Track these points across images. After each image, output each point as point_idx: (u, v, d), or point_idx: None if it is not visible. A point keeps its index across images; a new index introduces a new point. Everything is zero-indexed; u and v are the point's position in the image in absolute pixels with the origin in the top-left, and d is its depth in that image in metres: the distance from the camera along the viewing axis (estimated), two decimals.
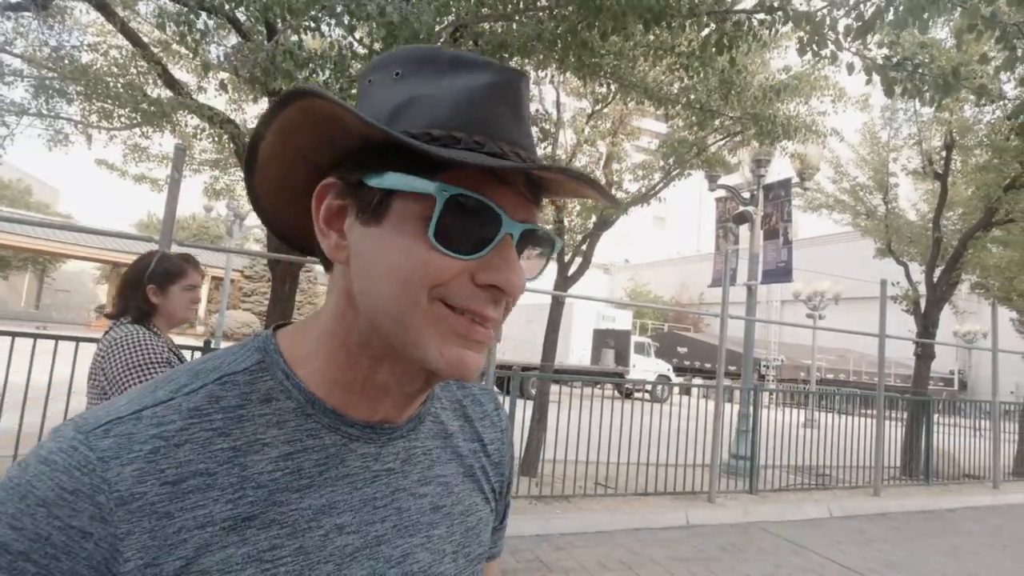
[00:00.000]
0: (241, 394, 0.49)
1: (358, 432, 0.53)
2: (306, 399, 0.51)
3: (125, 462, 0.43)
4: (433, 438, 0.61)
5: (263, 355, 0.52)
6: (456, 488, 0.61)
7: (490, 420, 0.70)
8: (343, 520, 0.51)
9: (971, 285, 10.76)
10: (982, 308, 10.26)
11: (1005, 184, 8.32)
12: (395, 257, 0.47)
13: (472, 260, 0.47)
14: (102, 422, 0.45)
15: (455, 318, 0.47)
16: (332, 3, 2.76)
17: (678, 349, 26.38)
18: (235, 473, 0.46)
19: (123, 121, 5.11)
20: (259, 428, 0.49)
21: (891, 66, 2.99)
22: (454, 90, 0.48)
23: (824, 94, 6.90)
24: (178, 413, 0.46)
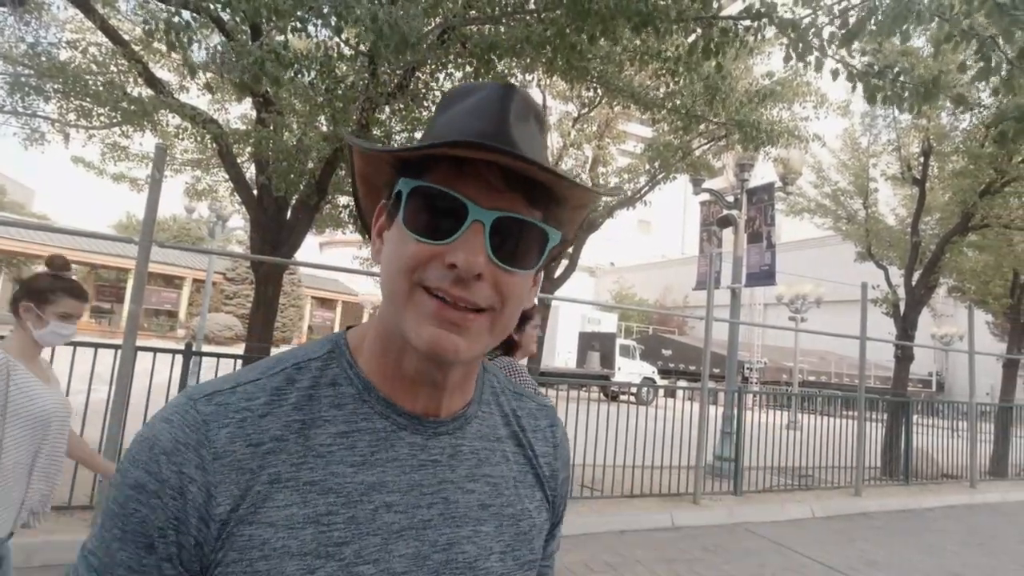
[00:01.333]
0: (312, 378, 0.58)
1: (406, 421, 0.59)
2: (364, 386, 0.58)
3: (222, 425, 0.52)
4: (480, 439, 0.64)
5: (333, 346, 0.61)
6: (506, 491, 0.64)
7: (543, 435, 0.72)
8: (391, 499, 0.56)
9: (948, 288, 11.01)
10: (959, 311, 10.48)
11: (980, 190, 8.51)
12: (390, 249, 0.56)
13: (444, 245, 0.52)
14: (207, 392, 0.55)
15: (430, 301, 0.53)
16: (319, 5, 2.74)
17: (663, 352, 26.56)
18: (301, 443, 0.54)
19: (102, 120, 5.02)
20: (323, 407, 0.56)
21: (873, 74, 3.05)
22: (455, 111, 0.57)
23: (806, 100, 7.02)
24: (263, 391, 0.55)
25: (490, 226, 0.53)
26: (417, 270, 0.53)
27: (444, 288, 0.52)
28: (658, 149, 6.92)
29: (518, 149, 0.52)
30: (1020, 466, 9.91)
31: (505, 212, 0.53)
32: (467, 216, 0.52)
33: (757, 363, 25.69)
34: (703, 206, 10.96)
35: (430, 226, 0.53)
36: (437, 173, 0.53)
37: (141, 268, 4.19)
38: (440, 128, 0.58)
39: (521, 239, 0.55)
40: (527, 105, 0.58)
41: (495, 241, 0.53)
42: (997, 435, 10.02)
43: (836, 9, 2.99)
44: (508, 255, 0.54)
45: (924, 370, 28.22)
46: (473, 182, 0.53)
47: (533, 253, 0.57)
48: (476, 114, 0.55)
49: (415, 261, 0.53)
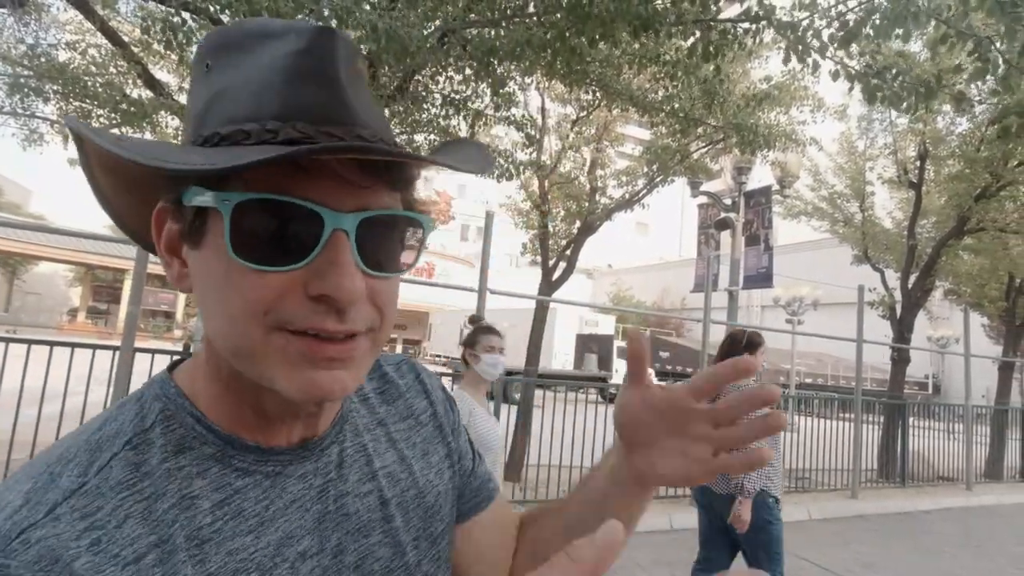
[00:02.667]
0: (160, 450, 0.44)
1: (288, 457, 0.49)
2: (224, 440, 0.46)
3: (71, 558, 0.37)
4: (363, 432, 0.58)
5: (164, 403, 0.47)
6: (402, 475, 0.58)
7: (415, 389, 0.66)
8: (303, 546, 0.48)
9: (944, 291, 11.06)
10: (955, 314, 10.54)
11: (976, 194, 8.56)
12: (216, 284, 0.42)
13: (298, 269, 0.40)
14: (14, 535, 0.37)
15: (297, 341, 0.41)
16: (319, 8, 2.75)
17: (660, 354, 26.58)
18: (181, 535, 0.42)
19: (102, 121, 5.02)
20: (183, 483, 0.44)
21: (872, 74, 3.07)
22: (254, 73, 0.42)
23: (804, 104, 7.05)
24: (101, 497, 0.41)
25: (355, 232, 0.41)
26: (270, 312, 0.41)
27: (317, 326, 0.41)
28: (656, 152, 6.95)
29: (366, 126, 0.42)
30: (1015, 469, 9.95)
31: (372, 211, 0.42)
32: (323, 226, 0.40)
33: None
34: (701, 209, 11.01)
35: (271, 248, 0.40)
36: (262, 175, 0.39)
37: (140, 270, 4.19)
38: (239, 96, 0.42)
39: (390, 237, 0.45)
40: (351, 52, 0.44)
41: (361, 247, 0.42)
42: (993, 438, 10.06)
43: (834, 11, 3.02)
44: (379, 260, 0.44)
45: (920, 372, 28.30)
46: (319, 180, 0.40)
47: (414, 248, 0.48)
48: (296, 76, 0.41)
49: (263, 300, 0.40)
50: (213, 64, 0.45)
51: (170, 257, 0.46)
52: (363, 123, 0.42)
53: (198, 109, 0.45)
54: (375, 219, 0.43)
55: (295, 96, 0.41)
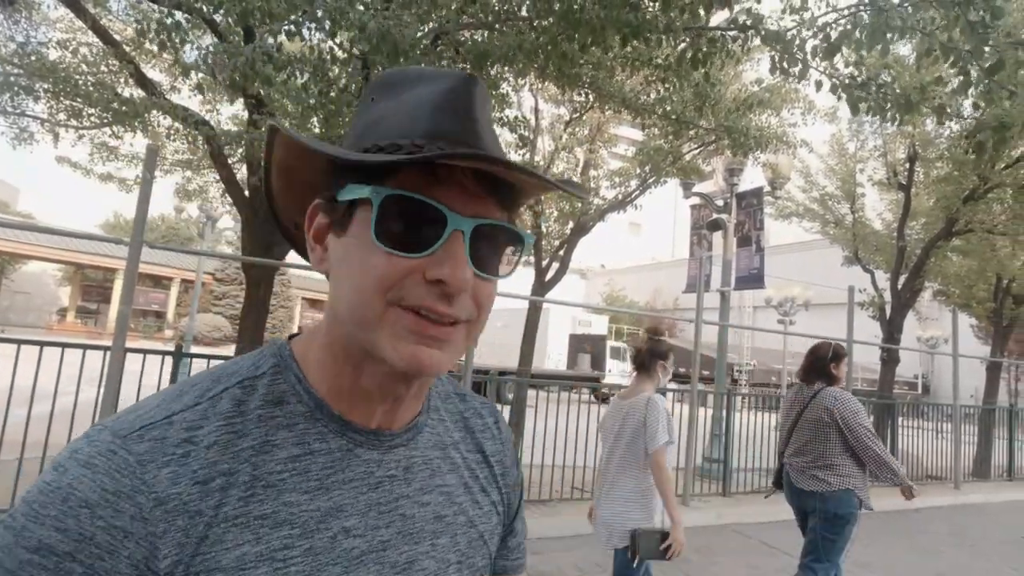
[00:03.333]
0: (260, 396, 0.52)
1: (362, 438, 0.55)
2: (315, 404, 0.53)
3: (160, 464, 0.46)
4: (432, 448, 0.61)
5: (278, 359, 0.55)
6: (458, 499, 0.62)
7: (491, 432, 0.70)
8: (350, 523, 0.52)
9: (933, 292, 11.17)
10: (944, 315, 10.65)
11: (964, 196, 8.66)
12: (354, 264, 0.51)
13: (421, 258, 0.49)
14: (136, 427, 0.47)
15: (407, 316, 0.49)
16: (313, 9, 2.75)
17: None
18: (247, 472, 0.48)
19: (92, 120, 4.99)
20: (271, 430, 0.51)
21: (856, 85, 3.13)
22: (409, 103, 0.52)
23: (794, 106, 7.11)
24: (206, 419, 0.49)
25: (470, 234, 0.49)
26: (393, 288, 0.49)
27: (428, 305, 0.49)
28: (648, 153, 6.98)
29: (490, 151, 0.50)
30: (1002, 467, 10.07)
31: (484, 219, 0.50)
32: (446, 225, 0.49)
33: (746, 365, 25.87)
34: (693, 209, 11.06)
35: (404, 238, 0.49)
36: (406, 178, 0.49)
37: (131, 269, 4.17)
38: (394, 120, 0.52)
39: (497, 245, 0.53)
40: (485, 96, 0.55)
41: (474, 250, 0.50)
42: (980, 437, 10.17)
43: (819, 23, 3.07)
44: (486, 263, 0.52)
45: (910, 372, 28.55)
46: (448, 188, 0.49)
47: (510, 258, 0.55)
48: (440, 108, 0.51)
49: (389, 278, 0.49)
50: (377, 98, 0.56)
51: (315, 244, 0.56)
52: (488, 148, 0.51)
53: (359, 130, 0.55)
54: (487, 227, 0.51)
55: (440, 123, 0.51)
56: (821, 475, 3.21)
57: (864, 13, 2.84)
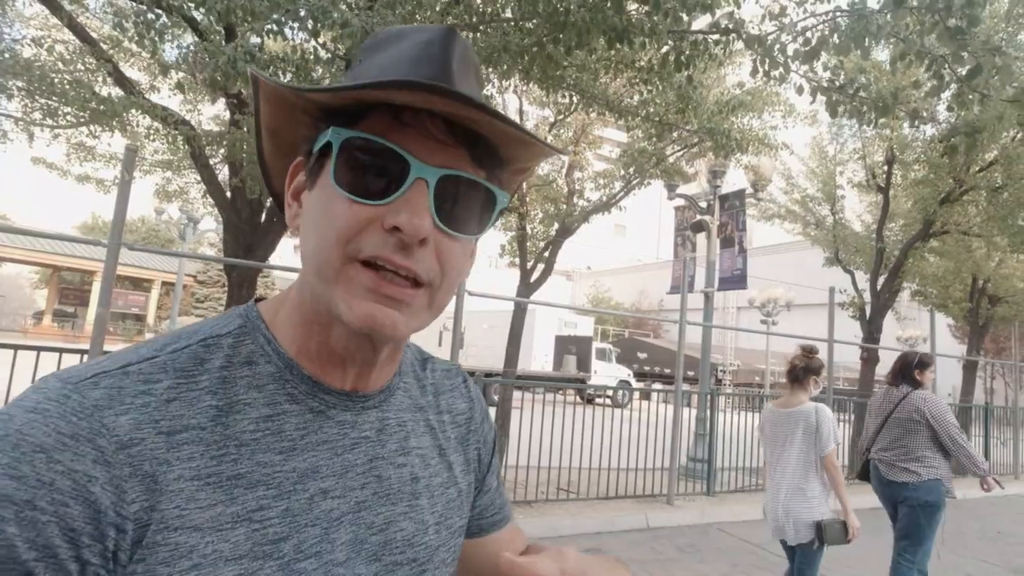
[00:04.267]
0: (225, 356, 0.50)
1: (334, 399, 0.54)
2: (285, 364, 0.52)
3: (119, 411, 0.43)
4: (405, 411, 0.61)
5: (244, 320, 0.54)
6: (432, 460, 0.62)
7: (460, 391, 0.70)
8: (327, 484, 0.51)
9: (911, 293, 11.39)
10: (922, 315, 10.86)
11: (940, 198, 8.85)
12: (315, 213, 0.50)
13: (381, 205, 0.47)
14: (88, 375, 0.45)
15: (364, 273, 0.47)
16: (295, 8, 2.73)
17: (638, 355, 26.84)
18: (219, 431, 0.47)
19: (69, 119, 4.89)
20: (240, 389, 0.49)
21: (834, 89, 3.19)
22: (388, 60, 0.51)
23: (775, 109, 7.21)
24: (164, 372, 0.47)
25: (435, 185, 0.47)
26: (352, 239, 0.47)
27: (385, 256, 0.47)
28: (633, 155, 7.03)
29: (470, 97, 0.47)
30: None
31: (451, 170, 0.48)
32: (409, 173, 0.47)
33: (730, 366, 26.14)
34: (677, 211, 11.16)
35: (366, 184, 0.47)
36: (371, 123, 0.48)
37: (109, 270, 4.10)
38: (369, 73, 0.51)
39: (467, 200, 0.50)
40: (468, 54, 0.52)
41: (439, 202, 0.48)
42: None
43: (799, 27, 3.12)
44: (453, 218, 0.49)
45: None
46: (414, 134, 0.47)
47: (477, 217, 0.52)
48: (417, 59, 0.49)
49: (349, 226, 0.47)
50: (362, 59, 0.54)
51: (292, 201, 0.55)
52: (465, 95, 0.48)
53: None
54: (454, 179, 0.48)
55: (413, 72, 0.48)
56: (912, 467, 3.62)
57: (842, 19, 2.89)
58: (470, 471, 0.68)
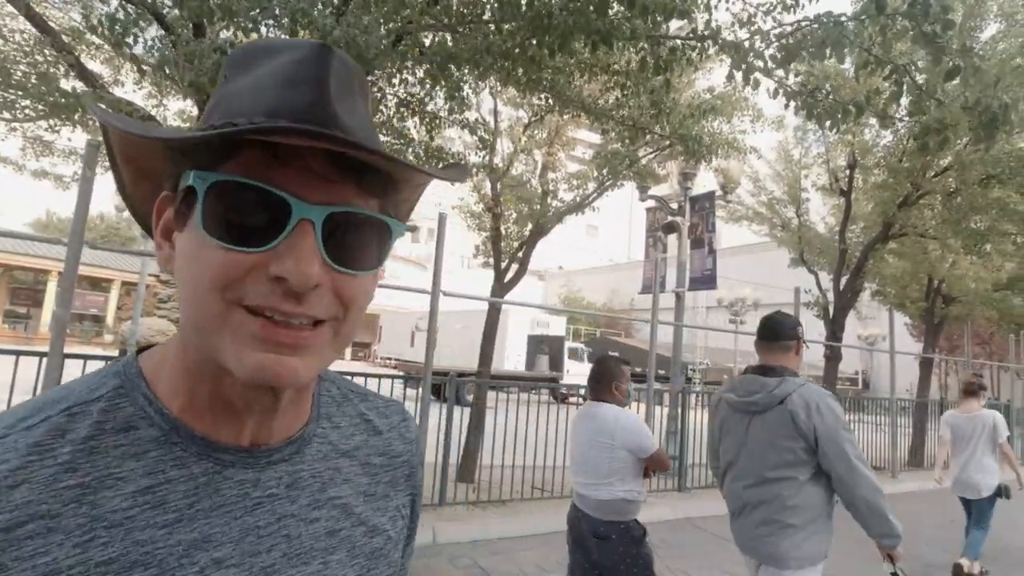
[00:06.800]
0: (94, 423, 0.45)
1: (231, 457, 0.48)
2: (170, 426, 0.47)
3: None
4: (323, 460, 0.56)
5: (122, 379, 0.48)
6: (357, 509, 0.56)
7: (398, 432, 0.65)
8: (222, 553, 0.46)
9: (871, 293, 11.78)
10: (881, 314, 11.25)
11: (899, 201, 9.19)
12: (187, 258, 0.45)
13: (263, 252, 0.42)
14: None
15: (253, 321, 0.42)
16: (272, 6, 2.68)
17: (610, 354, 27.09)
18: (83, 513, 0.41)
19: (27, 113, 4.70)
20: (113, 461, 0.44)
21: (807, 93, 3.31)
22: (255, 80, 0.46)
23: (744, 114, 7.38)
24: (13, 451, 0.41)
25: (321, 224, 0.43)
26: (231, 287, 0.42)
27: (272, 306, 0.42)
28: (606, 157, 7.11)
29: (346, 129, 0.44)
30: (935, 457, 10.70)
31: (338, 207, 0.44)
32: (291, 214, 0.42)
33: (700, 364, 26.62)
34: (649, 212, 11.32)
35: (241, 230, 0.42)
36: (241, 160, 0.43)
37: (70, 270, 3.96)
38: (241, 97, 0.46)
39: (360, 236, 0.46)
40: (348, 69, 0.47)
41: (329, 242, 0.44)
42: (915, 428, 10.80)
43: (772, 34, 3.22)
44: (347, 256, 0.45)
45: (851, 369, 30.00)
46: (292, 171, 0.43)
47: (378, 250, 0.48)
48: (289, 82, 0.44)
49: (226, 276, 0.42)
50: (229, 76, 0.49)
51: (163, 240, 0.50)
52: (343, 126, 0.44)
53: (207, 112, 0.49)
54: (344, 216, 0.44)
55: (285, 98, 0.44)
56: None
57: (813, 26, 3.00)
58: (402, 516, 0.62)
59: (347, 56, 0.49)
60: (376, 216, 0.47)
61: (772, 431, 2.25)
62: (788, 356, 2.43)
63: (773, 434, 2.25)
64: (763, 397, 2.29)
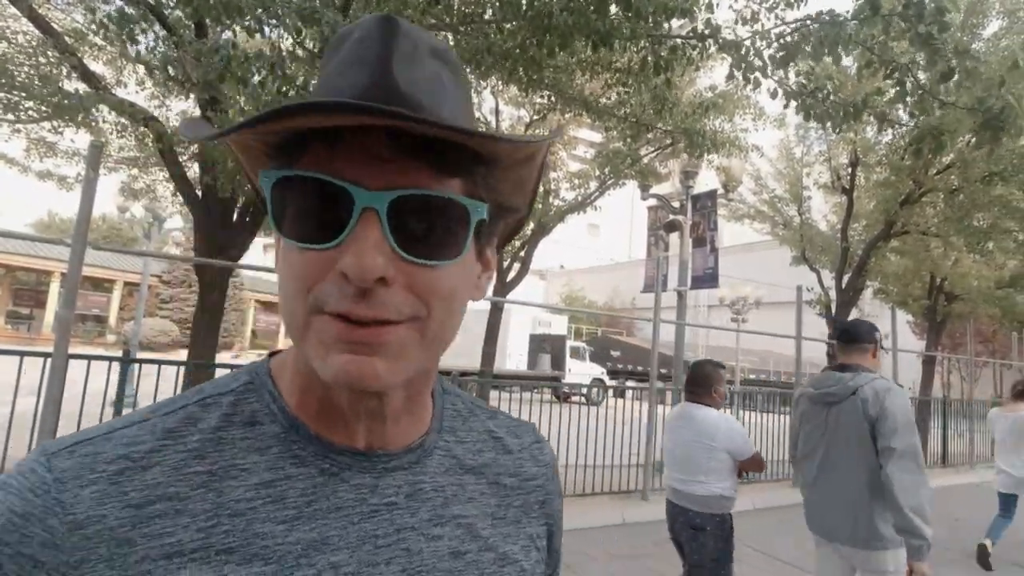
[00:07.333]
0: (223, 415, 0.46)
1: (348, 460, 0.47)
2: (290, 423, 0.47)
3: (85, 483, 0.40)
4: (446, 473, 0.52)
5: (252, 376, 0.49)
6: (484, 531, 0.52)
7: (530, 453, 0.61)
8: (338, 558, 0.44)
9: (874, 291, 11.77)
10: (884, 312, 11.24)
11: (901, 199, 9.17)
12: (278, 262, 0.44)
13: (334, 247, 0.40)
14: (68, 443, 0.42)
15: (331, 323, 0.41)
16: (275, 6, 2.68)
17: (612, 353, 27.08)
18: (209, 499, 0.42)
19: (31, 114, 4.71)
20: (238, 453, 0.44)
21: (806, 94, 3.31)
22: (330, 67, 0.45)
23: (745, 112, 7.38)
24: (151, 434, 0.43)
25: (387, 211, 0.40)
26: (312, 289, 0.41)
27: (345, 311, 0.40)
28: (608, 156, 7.11)
29: (411, 103, 0.41)
30: (936, 455, 10.70)
31: (404, 190, 0.40)
32: (354, 204, 0.40)
33: None
34: (650, 211, 11.32)
35: (311, 226, 0.41)
36: (311, 153, 0.41)
37: (74, 271, 3.97)
38: (316, 89, 0.45)
39: (436, 221, 0.42)
40: (416, 40, 0.44)
41: (400, 230, 0.41)
42: (918, 426, 10.76)
43: (772, 34, 3.22)
44: (421, 245, 0.41)
45: None
46: (357, 157, 0.40)
47: (456, 236, 0.43)
48: (350, 63, 0.42)
49: (305, 277, 0.41)
50: (323, 63, 0.47)
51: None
52: (408, 99, 0.41)
53: None
54: (412, 200, 0.41)
55: (344, 82, 0.42)
56: None
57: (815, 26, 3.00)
58: (536, 548, 0.57)
59: (416, 27, 0.45)
60: (448, 197, 0.42)
61: (847, 420, 2.47)
62: (865, 357, 2.63)
63: (849, 423, 2.45)
64: (839, 388, 2.52)
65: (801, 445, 2.73)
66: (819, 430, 2.59)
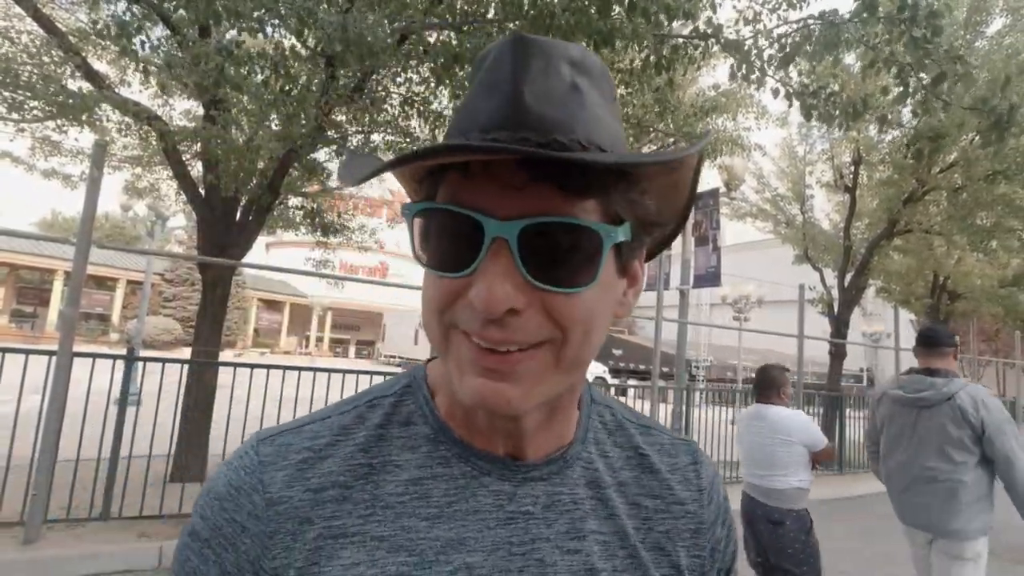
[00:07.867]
0: (385, 415, 0.51)
1: (489, 465, 0.49)
2: (439, 426, 0.50)
3: (279, 467, 0.47)
4: (587, 487, 0.51)
5: (411, 380, 0.53)
6: (620, 552, 0.50)
7: (682, 475, 0.57)
8: (473, 560, 0.45)
9: (876, 289, 11.76)
10: (887, 310, 11.23)
11: (904, 198, 9.16)
12: (423, 286, 0.46)
13: (467, 276, 0.41)
14: (273, 432, 0.49)
15: (467, 344, 0.42)
16: (277, 7, 2.69)
17: (614, 351, 27.09)
18: (368, 490, 0.47)
19: (35, 113, 4.74)
20: (394, 450, 0.49)
21: (808, 93, 3.31)
22: (472, 90, 0.45)
23: (748, 111, 7.37)
24: (329, 429, 0.49)
25: (516, 240, 0.40)
26: (447, 311, 0.43)
27: (476, 333, 0.41)
28: None
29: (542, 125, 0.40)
30: None
31: (533, 218, 0.40)
32: (484, 234, 0.40)
33: (704, 361, 26.60)
34: None
35: (445, 256, 0.42)
36: (447, 184, 0.43)
37: (79, 270, 4.00)
38: (460, 112, 0.46)
39: (567, 248, 0.41)
40: (550, 54, 0.43)
41: (531, 257, 0.40)
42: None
43: (775, 33, 3.22)
44: (554, 271, 0.41)
45: (856, 366, 29.87)
46: (486, 186, 0.40)
47: (590, 262, 0.42)
48: (487, 85, 0.43)
49: (440, 302, 0.43)
50: (470, 82, 0.48)
51: None
52: (534, 123, 0.41)
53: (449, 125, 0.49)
54: (542, 227, 0.40)
55: (482, 107, 0.42)
56: None
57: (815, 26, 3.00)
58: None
59: (551, 41, 0.44)
60: (578, 224, 0.41)
61: (942, 423, 2.65)
62: (947, 360, 2.82)
63: (943, 425, 2.65)
64: (933, 394, 2.69)
65: (885, 445, 2.93)
66: (907, 431, 2.78)
